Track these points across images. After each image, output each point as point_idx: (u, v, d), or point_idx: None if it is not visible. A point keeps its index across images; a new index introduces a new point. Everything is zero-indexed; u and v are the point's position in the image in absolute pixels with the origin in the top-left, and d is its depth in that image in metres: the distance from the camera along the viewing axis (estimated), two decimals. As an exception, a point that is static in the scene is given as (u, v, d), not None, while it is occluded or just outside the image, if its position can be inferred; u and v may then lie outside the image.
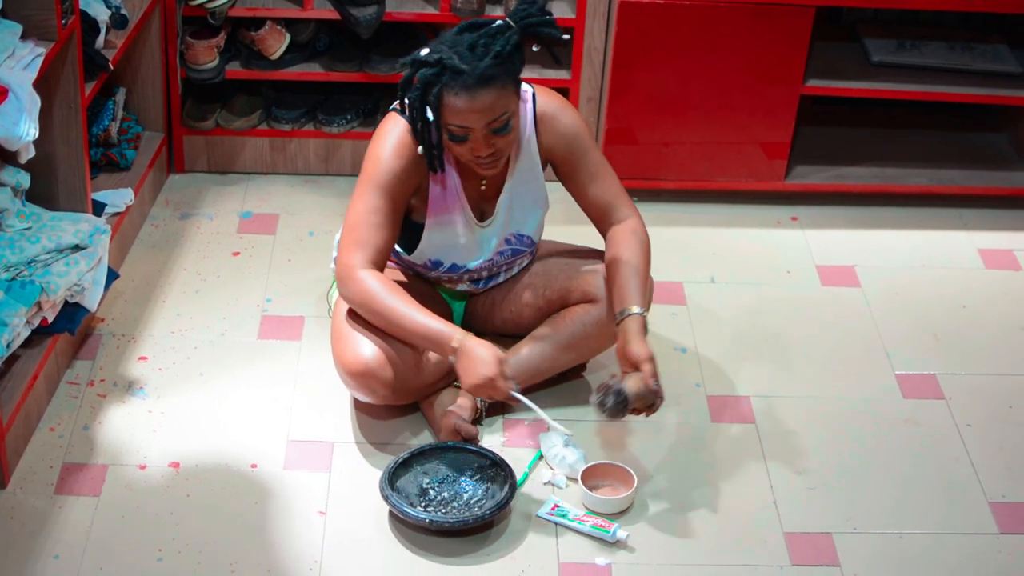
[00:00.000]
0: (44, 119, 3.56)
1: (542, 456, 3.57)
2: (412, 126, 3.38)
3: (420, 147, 3.41)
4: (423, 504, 3.38)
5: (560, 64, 3.52)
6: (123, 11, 4.06)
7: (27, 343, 3.55)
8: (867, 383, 3.93)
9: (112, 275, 3.82)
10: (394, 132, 3.46)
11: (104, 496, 3.40)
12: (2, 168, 3.63)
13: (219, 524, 3.34)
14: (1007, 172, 4.81)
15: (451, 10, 4.46)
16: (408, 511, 3.30)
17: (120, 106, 4.34)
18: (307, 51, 4.62)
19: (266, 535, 3.32)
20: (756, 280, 4.35)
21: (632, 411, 3.36)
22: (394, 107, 3.50)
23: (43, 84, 3.51)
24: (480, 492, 3.42)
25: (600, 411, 3.34)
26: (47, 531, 3.29)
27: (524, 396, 3.41)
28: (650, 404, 3.37)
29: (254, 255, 4.30)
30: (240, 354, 3.88)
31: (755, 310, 4.20)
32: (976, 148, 4.94)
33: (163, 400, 3.70)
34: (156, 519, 3.34)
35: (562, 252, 3.80)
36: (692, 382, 3.88)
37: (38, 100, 3.40)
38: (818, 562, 3.34)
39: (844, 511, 3.49)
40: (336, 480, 3.49)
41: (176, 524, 3.33)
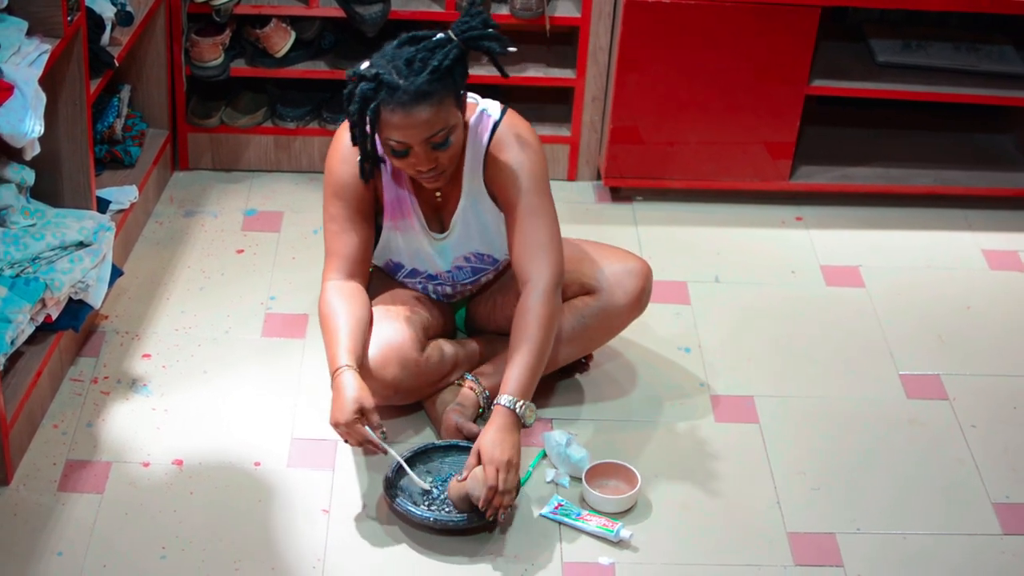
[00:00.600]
0: (49, 116, 3.56)
1: (546, 455, 3.57)
2: (352, 137, 3.36)
3: (360, 158, 3.40)
4: (426, 503, 3.37)
5: (506, 76, 3.48)
6: (128, 8, 4.07)
7: (31, 340, 3.55)
8: (871, 383, 3.93)
9: (116, 272, 3.82)
10: (343, 140, 3.46)
11: (108, 493, 3.40)
12: (7, 165, 3.63)
13: (223, 522, 3.34)
14: (1012, 173, 4.81)
15: (456, 8, 4.46)
16: (411, 510, 3.30)
17: (125, 103, 4.34)
18: (312, 49, 4.62)
19: (269, 533, 3.32)
20: (760, 280, 4.34)
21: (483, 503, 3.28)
22: None
23: (48, 81, 3.51)
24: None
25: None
26: (50, 528, 3.29)
27: (387, 444, 3.33)
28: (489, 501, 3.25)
29: (258, 253, 4.30)
30: (244, 352, 3.88)
31: (759, 310, 4.20)
32: (981, 149, 4.94)
33: (167, 397, 3.70)
34: (159, 516, 3.34)
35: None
36: (696, 382, 3.88)
37: (43, 97, 3.40)
38: (821, 562, 3.34)
39: (848, 511, 3.48)
40: (340, 478, 3.49)
41: (179, 521, 3.33)
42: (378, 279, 3.70)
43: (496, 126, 3.48)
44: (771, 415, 3.78)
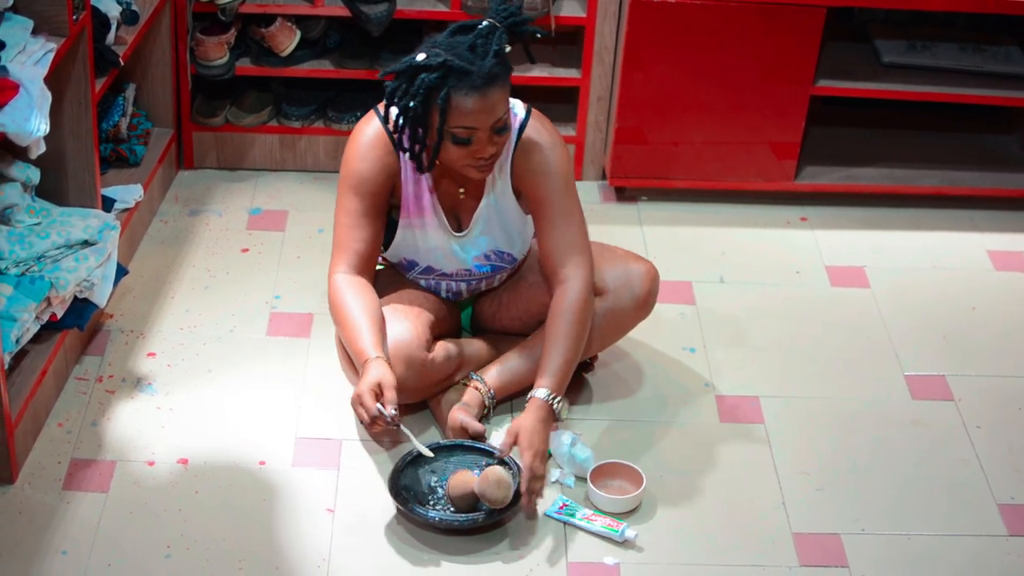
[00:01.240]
0: (54, 115, 3.56)
1: (551, 455, 3.57)
2: (408, 130, 3.34)
3: (407, 152, 3.39)
4: (431, 502, 3.37)
5: (534, 63, 3.50)
6: (134, 7, 4.07)
7: (36, 339, 3.55)
8: (876, 384, 3.93)
9: (121, 271, 3.82)
10: (364, 134, 3.47)
11: (112, 492, 3.40)
12: (12, 163, 3.63)
13: (227, 521, 3.34)
14: (1017, 174, 4.80)
15: (461, 7, 4.45)
16: (416, 509, 3.30)
17: (130, 102, 4.34)
18: (317, 48, 4.62)
19: (274, 532, 3.32)
20: (765, 280, 4.34)
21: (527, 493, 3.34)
22: (375, 105, 3.51)
23: (54, 80, 3.51)
24: (488, 490, 3.42)
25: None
26: (55, 527, 3.29)
27: (405, 428, 3.38)
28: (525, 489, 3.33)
29: (263, 252, 4.30)
30: (249, 351, 3.88)
31: (764, 310, 4.20)
32: (986, 150, 4.94)
33: (171, 396, 3.70)
34: (164, 516, 3.34)
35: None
36: (701, 382, 3.88)
37: (49, 96, 3.40)
38: (826, 563, 3.34)
39: (852, 512, 3.48)
40: (344, 477, 3.48)
41: (184, 521, 3.33)
42: (386, 277, 3.69)
43: (523, 125, 3.50)
44: (776, 415, 3.78)
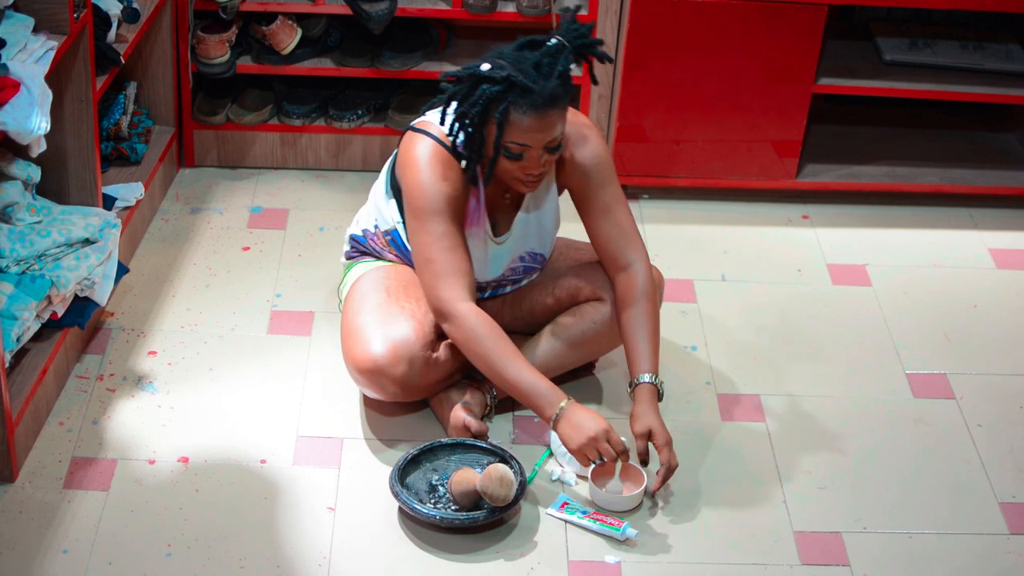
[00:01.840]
0: (55, 113, 3.56)
1: (552, 453, 3.57)
2: (465, 139, 3.34)
3: (464, 161, 3.39)
4: (433, 501, 3.37)
5: (596, 84, 3.52)
6: (135, 5, 4.06)
7: (36, 337, 3.55)
8: (877, 382, 3.93)
9: (122, 269, 3.82)
10: (429, 155, 3.42)
11: (113, 491, 3.40)
12: (13, 161, 3.63)
13: (228, 519, 3.34)
14: (1018, 172, 4.80)
15: (463, 6, 4.45)
16: (418, 508, 3.30)
17: (131, 100, 4.34)
18: (318, 46, 4.61)
19: (275, 531, 3.32)
20: (767, 278, 4.34)
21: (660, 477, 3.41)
22: (413, 125, 3.49)
23: (55, 78, 3.51)
24: (489, 489, 3.42)
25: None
26: (56, 525, 3.29)
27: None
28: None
29: (264, 250, 4.30)
30: (250, 349, 3.88)
31: (766, 308, 4.20)
32: (988, 148, 4.93)
33: (172, 395, 3.70)
34: (165, 514, 3.34)
35: (572, 250, 3.79)
36: (702, 380, 3.88)
37: (50, 94, 3.40)
38: (828, 561, 3.34)
39: (854, 510, 3.48)
40: (345, 476, 3.48)
41: (185, 519, 3.33)
42: (394, 272, 3.66)
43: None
44: (777, 414, 3.77)
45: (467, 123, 3.31)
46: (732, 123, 4.55)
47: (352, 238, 3.75)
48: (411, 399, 3.58)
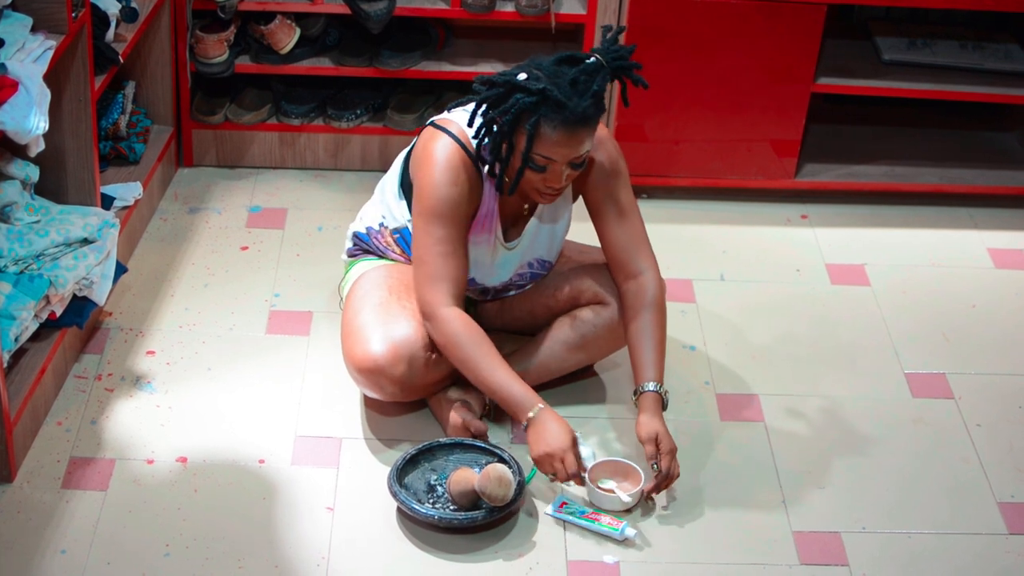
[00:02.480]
0: (54, 112, 3.56)
1: (550, 453, 3.57)
2: (491, 144, 3.34)
3: (488, 168, 3.38)
4: (431, 501, 3.37)
5: (627, 106, 3.51)
6: (133, 4, 4.06)
7: (35, 337, 3.55)
8: (876, 382, 3.92)
9: (120, 269, 3.81)
10: (446, 157, 3.41)
11: (111, 491, 3.39)
12: (11, 161, 3.63)
13: (227, 520, 3.34)
14: (1017, 171, 4.80)
15: (462, 5, 4.45)
16: (416, 508, 3.30)
17: (129, 100, 4.34)
18: (317, 46, 4.61)
19: (274, 531, 3.32)
20: (766, 278, 4.34)
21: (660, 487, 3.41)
22: (435, 121, 3.49)
23: (53, 77, 3.50)
24: (488, 489, 3.41)
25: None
26: (54, 525, 3.28)
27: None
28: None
29: (263, 250, 4.29)
30: (248, 349, 3.88)
31: (765, 308, 4.20)
32: (986, 147, 4.93)
33: (171, 395, 3.70)
34: (163, 514, 3.34)
35: (574, 253, 3.78)
36: (701, 380, 3.88)
37: (48, 93, 3.39)
38: (827, 561, 3.34)
39: (853, 510, 3.48)
40: (344, 476, 3.48)
41: (183, 519, 3.33)
42: (396, 271, 3.65)
43: None
44: (776, 413, 3.77)
45: (496, 130, 3.31)
46: (731, 123, 4.55)
47: (355, 235, 3.74)
48: (410, 399, 3.58)
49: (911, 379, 3.94)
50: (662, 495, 3.46)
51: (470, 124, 3.40)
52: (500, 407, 3.52)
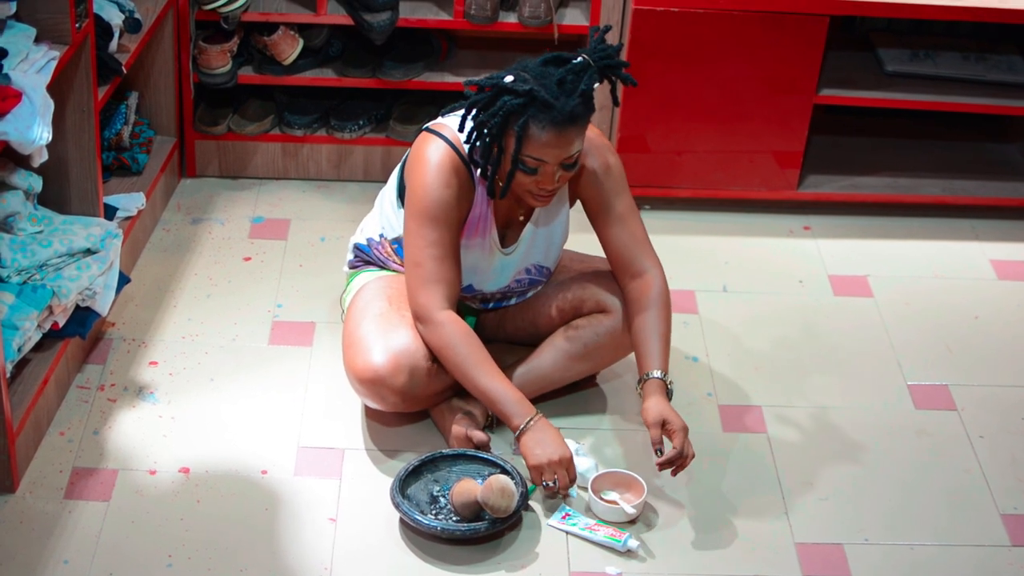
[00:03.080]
0: (57, 123, 3.56)
1: (553, 464, 3.56)
2: (481, 148, 3.34)
3: (480, 171, 3.39)
4: (434, 512, 3.37)
5: (617, 106, 3.52)
6: (136, 15, 4.06)
7: (38, 347, 3.55)
8: (879, 393, 3.92)
9: (123, 279, 3.82)
10: (439, 159, 3.42)
11: (114, 501, 3.39)
12: (14, 171, 3.63)
13: (229, 530, 3.33)
14: (1020, 183, 4.80)
15: (465, 16, 4.45)
16: (419, 519, 3.29)
17: (132, 110, 4.34)
18: (320, 56, 4.61)
19: (276, 542, 3.31)
20: (768, 289, 4.34)
21: (670, 464, 3.38)
22: (429, 127, 3.49)
23: (56, 88, 3.51)
24: (491, 500, 3.41)
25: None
26: (56, 536, 3.28)
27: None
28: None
29: (265, 260, 4.30)
30: (251, 360, 3.88)
31: (767, 319, 4.20)
32: (989, 159, 4.93)
33: (173, 405, 3.70)
34: (166, 525, 3.34)
35: (576, 261, 3.79)
36: (704, 391, 3.88)
37: (51, 104, 3.40)
38: (829, 573, 3.34)
39: (855, 522, 3.48)
40: (347, 487, 3.48)
41: (186, 530, 3.32)
42: (396, 282, 3.65)
43: None
44: (779, 425, 3.77)
45: (485, 133, 3.31)
46: (733, 134, 4.55)
47: (356, 247, 3.75)
48: (412, 410, 3.58)
49: (913, 390, 3.94)
50: (680, 475, 3.45)
51: (460, 129, 3.40)
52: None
